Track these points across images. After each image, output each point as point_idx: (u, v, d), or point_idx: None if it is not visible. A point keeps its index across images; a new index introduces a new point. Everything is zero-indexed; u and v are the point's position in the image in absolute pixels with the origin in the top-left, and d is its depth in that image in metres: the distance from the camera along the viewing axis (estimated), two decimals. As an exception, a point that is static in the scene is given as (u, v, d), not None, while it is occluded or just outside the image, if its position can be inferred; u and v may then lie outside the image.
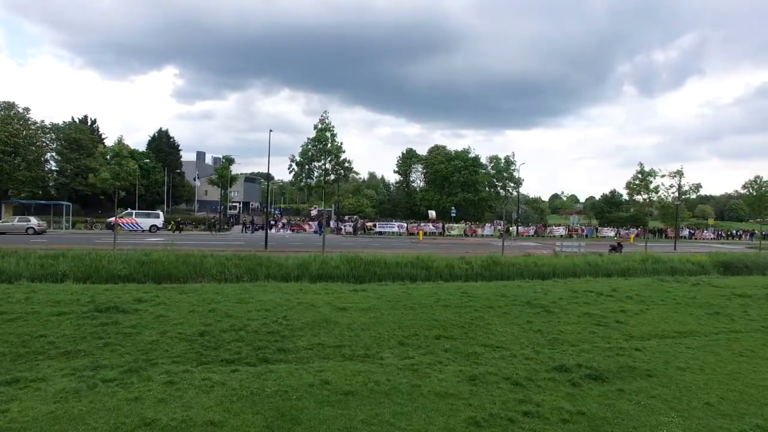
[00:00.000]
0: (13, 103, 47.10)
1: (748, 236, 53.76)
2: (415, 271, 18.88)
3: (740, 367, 7.85)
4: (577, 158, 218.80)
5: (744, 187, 31.10)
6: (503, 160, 26.21)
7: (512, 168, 31.92)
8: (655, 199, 27.30)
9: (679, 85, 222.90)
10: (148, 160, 53.45)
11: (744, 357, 8.46)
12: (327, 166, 20.21)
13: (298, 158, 20.39)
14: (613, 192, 63.80)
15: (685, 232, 50.96)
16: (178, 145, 67.24)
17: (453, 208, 49.98)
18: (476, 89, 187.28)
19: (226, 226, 41.54)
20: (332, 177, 20.45)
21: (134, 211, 36.61)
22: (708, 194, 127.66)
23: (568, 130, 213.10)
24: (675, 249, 32.58)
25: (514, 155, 26.43)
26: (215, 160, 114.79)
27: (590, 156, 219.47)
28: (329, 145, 20.12)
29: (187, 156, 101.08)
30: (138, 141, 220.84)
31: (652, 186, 26.24)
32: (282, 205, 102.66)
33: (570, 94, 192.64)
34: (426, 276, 18.67)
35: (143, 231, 35.23)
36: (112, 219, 34.90)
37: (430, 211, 51.98)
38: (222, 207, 50.61)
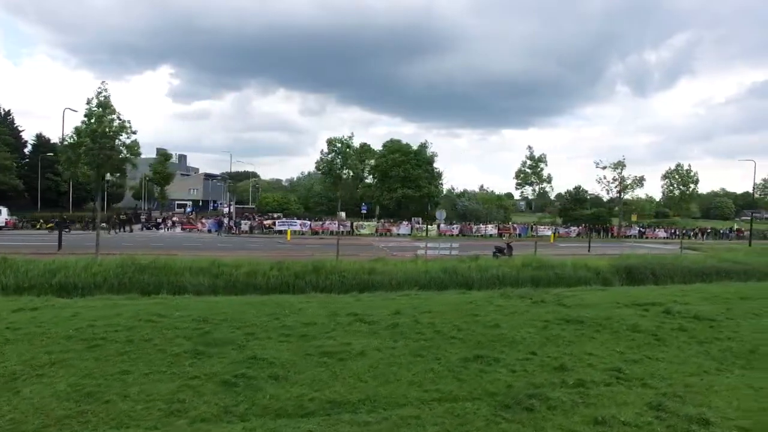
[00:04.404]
0: None
1: (703, 235, 49.01)
2: (204, 280, 14.78)
3: None
4: (572, 157, 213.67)
5: (664, 177, 26.19)
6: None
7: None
8: (548, 189, 22.81)
9: (671, 85, 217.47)
10: (51, 154, 48.70)
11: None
12: (105, 151, 15.63)
13: (71, 139, 16.00)
14: (578, 188, 59.03)
15: (635, 231, 46.15)
16: (115, 139, 62.73)
17: (363, 204, 45.39)
18: (472, 89, 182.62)
19: (118, 225, 36.95)
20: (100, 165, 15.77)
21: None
22: (695, 192, 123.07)
23: (563, 129, 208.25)
24: (589, 251, 28.07)
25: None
26: (180, 157, 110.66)
27: (586, 155, 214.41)
28: (107, 126, 15.54)
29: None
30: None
31: (544, 174, 21.73)
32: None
33: (565, 93, 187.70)
34: (219, 286, 14.60)
35: None
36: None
37: (340, 213, 47.50)
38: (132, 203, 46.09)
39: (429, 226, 37.08)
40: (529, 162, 20.96)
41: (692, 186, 24.89)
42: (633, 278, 17.99)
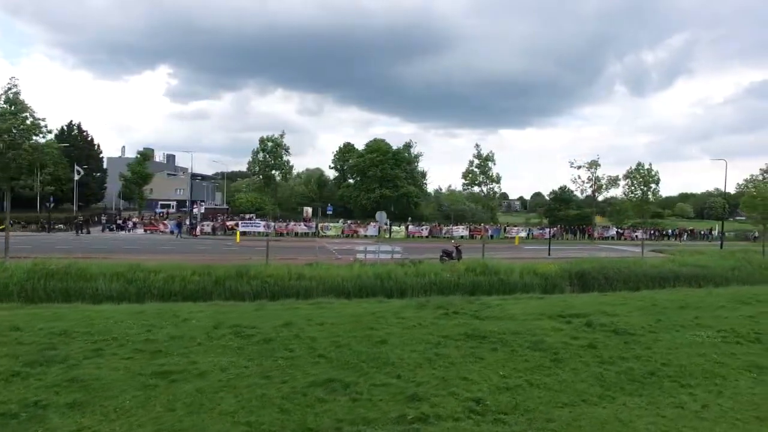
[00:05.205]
0: None
1: (684, 236, 47.89)
2: (118, 286, 13.95)
3: None
4: (571, 157, 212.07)
5: (626, 177, 25.22)
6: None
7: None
8: (496, 189, 21.84)
9: (669, 85, 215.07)
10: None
11: None
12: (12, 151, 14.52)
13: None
14: (563, 188, 58.03)
15: (612, 232, 44.98)
16: (92, 139, 61.82)
17: (329, 205, 44.42)
18: (471, 89, 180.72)
19: (78, 226, 35.81)
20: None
21: None
22: (689, 192, 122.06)
23: (562, 129, 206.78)
24: (549, 254, 27.13)
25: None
26: (168, 157, 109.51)
27: (585, 155, 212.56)
28: (15, 124, 14.38)
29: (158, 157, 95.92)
30: (133, 141, 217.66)
31: (493, 173, 20.73)
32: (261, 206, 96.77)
33: (563, 93, 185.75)
34: (132, 293, 13.78)
35: None
36: None
37: (305, 209, 46.67)
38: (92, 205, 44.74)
39: (396, 228, 36.21)
40: (477, 161, 19.86)
41: (653, 186, 23.83)
42: (585, 284, 17.13)
